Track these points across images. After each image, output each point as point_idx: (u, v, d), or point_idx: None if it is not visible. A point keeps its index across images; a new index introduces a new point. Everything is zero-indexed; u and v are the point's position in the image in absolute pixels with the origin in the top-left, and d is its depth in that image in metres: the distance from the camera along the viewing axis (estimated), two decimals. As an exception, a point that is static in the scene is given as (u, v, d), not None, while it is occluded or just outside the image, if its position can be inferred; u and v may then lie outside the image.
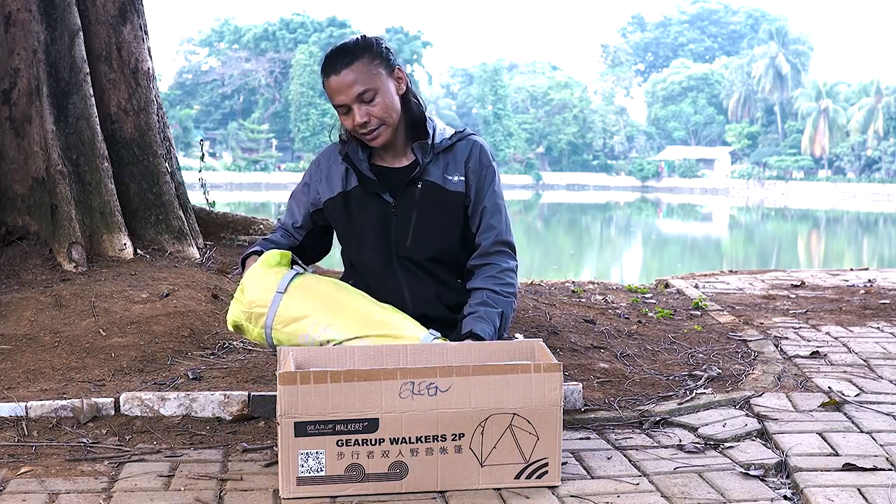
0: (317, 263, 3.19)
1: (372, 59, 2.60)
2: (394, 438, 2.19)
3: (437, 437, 2.21)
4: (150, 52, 4.80)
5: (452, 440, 2.22)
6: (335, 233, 2.86)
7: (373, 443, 2.19)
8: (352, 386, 2.17)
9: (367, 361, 2.42)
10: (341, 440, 2.17)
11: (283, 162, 67.69)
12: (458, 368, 2.20)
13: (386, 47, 2.68)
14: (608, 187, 70.26)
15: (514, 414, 2.23)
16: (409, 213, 2.69)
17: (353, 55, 2.59)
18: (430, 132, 2.70)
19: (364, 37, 2.67)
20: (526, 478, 2.26)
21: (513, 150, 70.01)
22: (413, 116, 2.71)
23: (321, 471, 2.18)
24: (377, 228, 2.70)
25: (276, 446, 2.54)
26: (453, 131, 2.77)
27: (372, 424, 2.18)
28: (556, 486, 2.26)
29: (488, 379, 2.21)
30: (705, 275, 6.19)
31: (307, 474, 2.18)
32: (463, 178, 2.70)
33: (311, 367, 2.31)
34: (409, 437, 2.20)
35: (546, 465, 2.26)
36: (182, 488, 2.24)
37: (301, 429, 2.16)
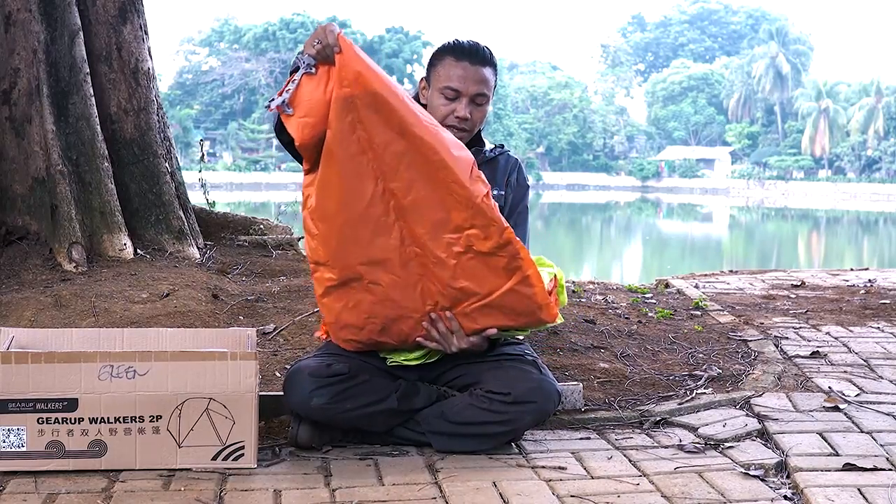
0: None
1: (495, 75, 2.70)
2: (93, 418, 2.31)
3: (135, 418, 2.32)
4: (150, 52, 4.80)
5: (150, 421, 2.33)
6: None
7: (72, 421, 2.30)
8: (52, 367, 2.29)
9: (84, 344, 2.57)
10: (42, 418, 2.29)
11: (282, 161, 67.65)
12: (157, 353, 2.33)
13: None
14: (608, 187, 70.20)
15: (211, 398, 2.34)
16: None
17: (490, 61, 2.66)
18: (486, 147, 2.78)
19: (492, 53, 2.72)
20: (223, 459, 2.37)
21: (513, 150, 69.83)
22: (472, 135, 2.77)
23: (22, 446, 2.29)
24: None
25: (278, 447, 2.55)
26: (492, 144, 2.85)
27: (71, 404, 2.30)
28: (253, 468, 2.35)
29: (186, 364, 2.33)
30: (705, 275, 6.18)
31: (8, 449, 2.28)
32: (503, 193, 2.78)
33: (28, 348, 2.46)
34: (108, 418, 2.31)
35: (242, 447, 2.37)
36: (182, 488, 2.24)
37: (3, 406, 2.27)
